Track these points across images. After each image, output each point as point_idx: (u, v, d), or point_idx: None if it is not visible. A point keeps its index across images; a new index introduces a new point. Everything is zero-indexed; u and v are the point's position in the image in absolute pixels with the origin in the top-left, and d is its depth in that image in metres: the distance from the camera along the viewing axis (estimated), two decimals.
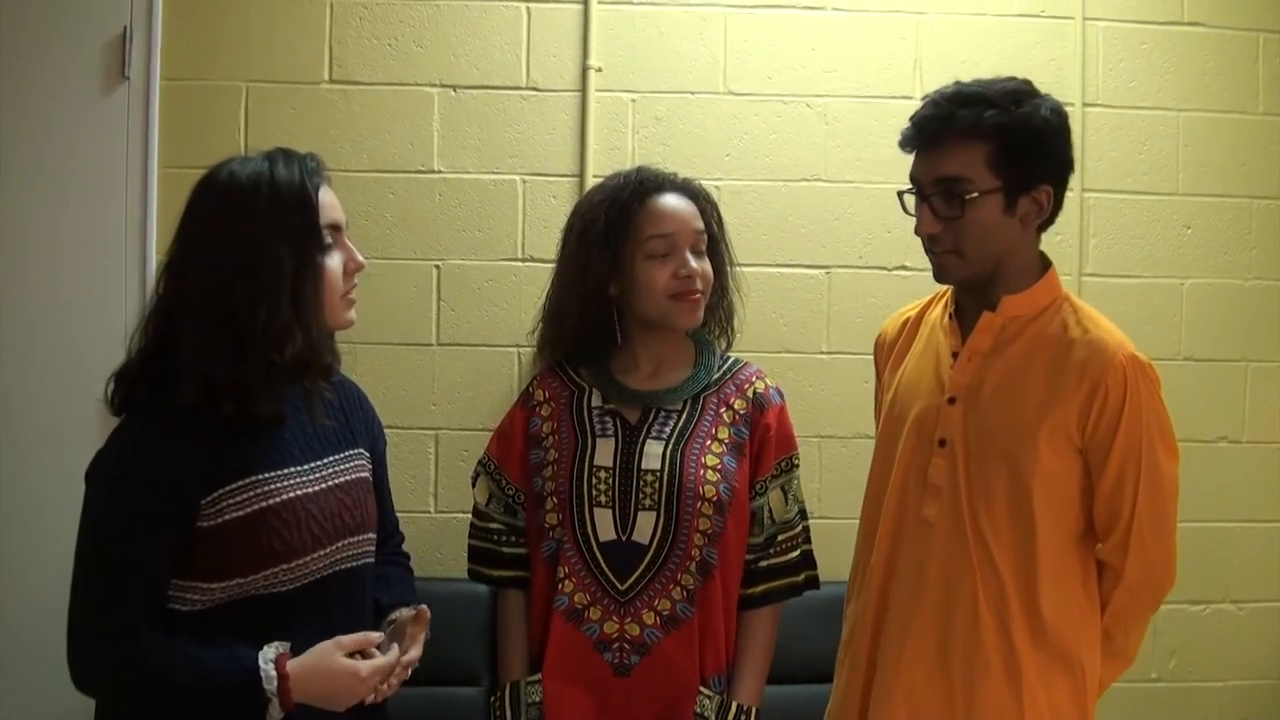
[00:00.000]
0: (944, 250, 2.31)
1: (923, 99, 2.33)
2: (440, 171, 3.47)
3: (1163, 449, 2.28)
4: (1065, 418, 2.24)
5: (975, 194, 2.23)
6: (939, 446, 2.34)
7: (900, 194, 2.38)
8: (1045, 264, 2.38)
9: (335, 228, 2.14)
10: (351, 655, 2.09)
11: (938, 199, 2.28)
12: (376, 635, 2.15)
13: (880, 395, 2.62)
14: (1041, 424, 2.25)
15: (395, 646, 2.19)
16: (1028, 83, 2.31)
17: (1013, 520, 2.27)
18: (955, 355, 2.37)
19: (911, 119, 2.33)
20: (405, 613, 2.26)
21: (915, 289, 3.49)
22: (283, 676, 1.99)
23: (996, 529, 2.27)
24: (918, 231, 2.34)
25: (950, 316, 2.43)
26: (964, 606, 2.29)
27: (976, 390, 2.32)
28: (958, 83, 2.30)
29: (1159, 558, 2.31)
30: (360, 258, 2.19)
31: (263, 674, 1.99)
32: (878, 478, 2.50)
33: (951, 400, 2.34)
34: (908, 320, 2.59)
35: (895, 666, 2.35)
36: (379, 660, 2.12)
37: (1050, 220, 2.34)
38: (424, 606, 2.25)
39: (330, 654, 2.06)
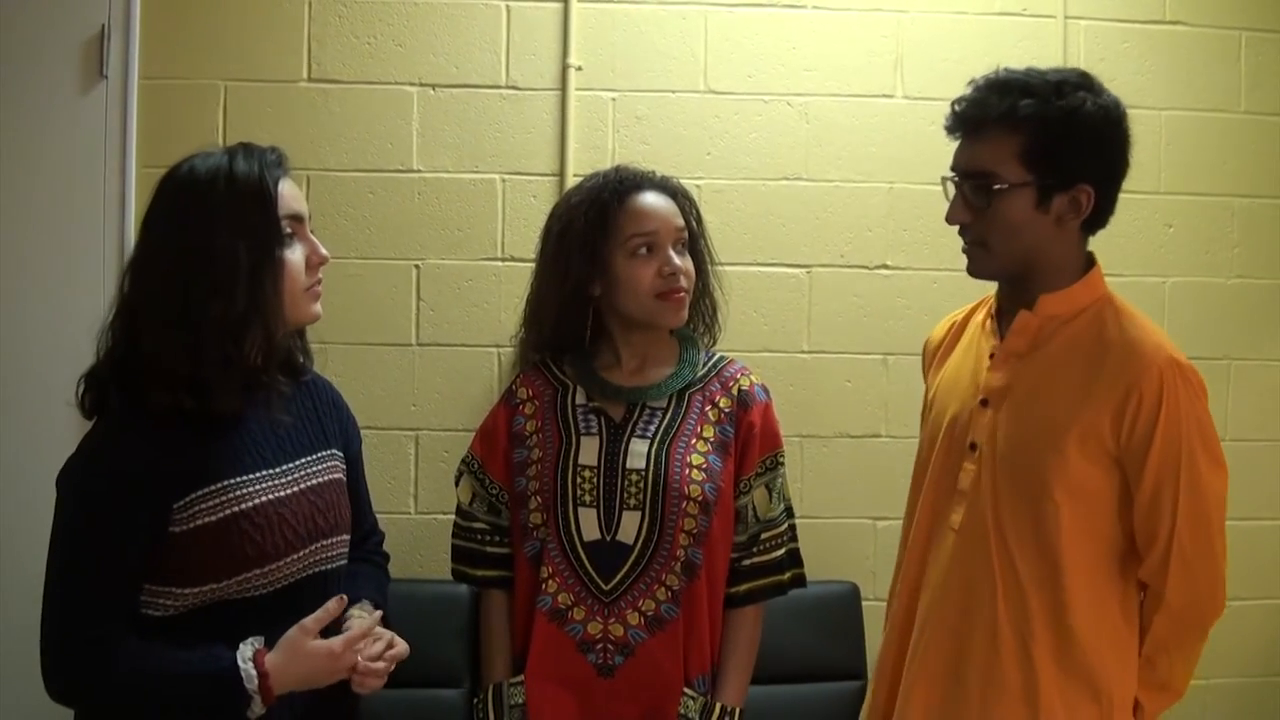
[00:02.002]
0: (971, 242, 2.25)
1: (968, 83, 2.25)
2: (419, 171, 3.45)
3: (1206, 460, 2.14)
4: (1098, 423, 2.13)
5: (1004, 186, 2.15)
6: (970, 451, 2.27)
7: (944, 179, 2.28)
8: (1089, 263, 2.28)
9: (296, 219, 2.11)
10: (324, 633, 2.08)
11: (969, 188, 2.20)
12: (335, 606, 2.09)
13: (925, 400, 2.56)
14: (1072, 428, 2.14)
15: (364, 615, 2.17)
16: (1083, 75, 2.21)
17: (1037, 530, 2.17)
18: (993, 356, 2.30)
19: (952, 104, 2.24)
20: (356, 619, 2.22)
21: (897, 288, 3.50)
22: (263, 674, 1.98)
23: (1021, 538, 2.18)
24: (948, 219, 2.27)
25: (991, 317, 2.36)
26: (984, 620, 2.21)
27: (1009, 392, 2.24)
28: (1005, 69, 2.21)
29: (1204, 579, 2.17)
30: (324, 251, 2.17)
31: (243, 673, 1.97)
32: (915, 484, 2.44)
33: (984, 403, 2.27)
34: (955, 323, 2.52)
35: (915, 680, 2.29)
36: (351, 632, 2.10)
37: (1098, 222, 2.24)
38: (378, 613, 2.22)
39: (300, 641, 2.04)
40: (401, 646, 2.19)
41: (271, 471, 2.11)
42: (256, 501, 2.06)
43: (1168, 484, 2.11)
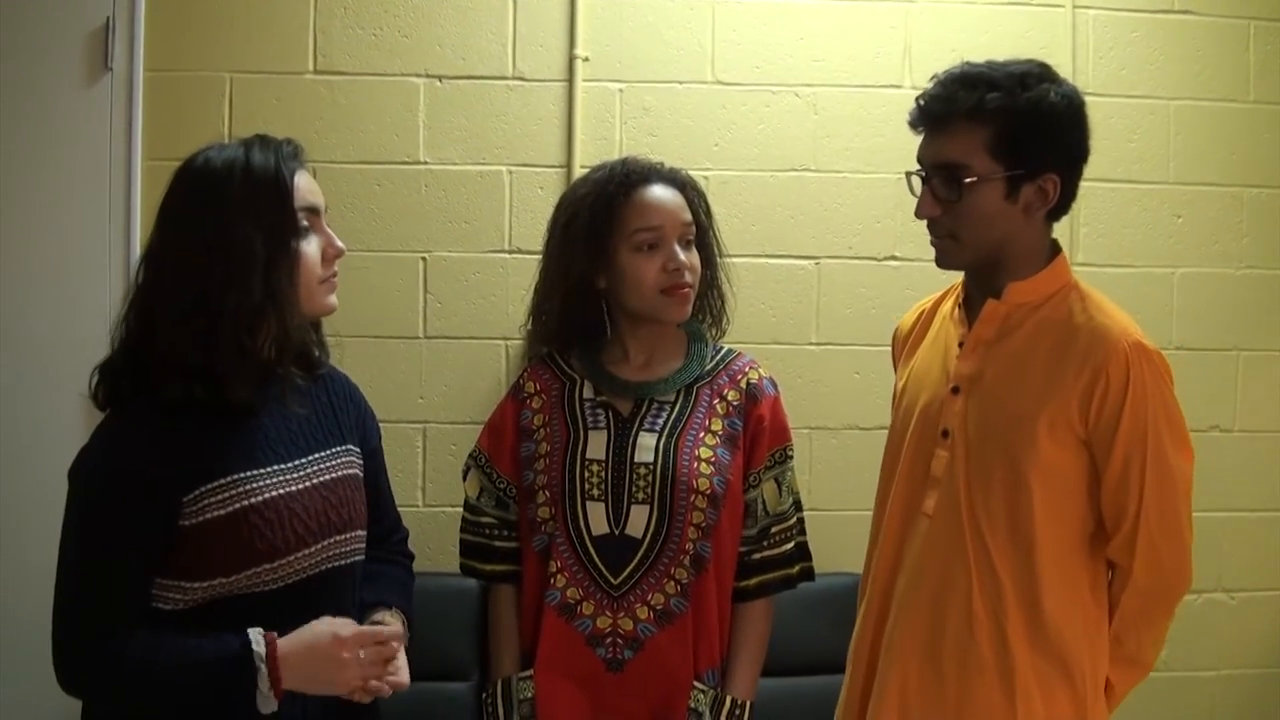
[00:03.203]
0: (941, 235, 2.27)
1: (931, 78, 2.26)
2: (426, 163, 3.44)
3: (1171, 442, 2.18)
4: (1066, 407, 2.17)
5: (974, 179, 2.17)
6: (942, 437, 2.29)
7: (909, 175, 2.30)
8: (1055, 251, 2.31)
9: (312, 211, 2.11)
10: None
11: (938, 182, 2.23)
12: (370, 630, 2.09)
13: (896, 389, 2.57)
14: (1041, 413, 2.17)
15: (391, 620, 2.19)
16: (1042, 66, 2.23)
17: (1010, 514, 2.20)
18: (962, 345, 2.32)
19: (917, 99, 2.26)
20: (387, 621, 2.22)
21: (905, 279, 3.49)
22: (270, 643, 1.98)
23: (994, 523, 2.21)
24: (917, 214, 2.29)
25: (959, 306, 2.38)
26: (958, 603, 2.23)
27: (979, 379, 2.27)
28: (966, 62, 2.24)
29: (1170, 558, 2.20)
30: (339, 243, 2.16)
31: (252, 639, 1.97)
32: (887, 471, 2.46)
33: (955, 390, 2.29)
34: (923, 312, 2.55)
35: (891, 664, 2.31)
36: (363, 629, 2.09)
37: (1062, 209, 2.26)
38: (398, 628, 2.20)
39: (314, 625, 2.04)
40: (404, 677, 2.14)
41: (283, 466, 2.10)
42: (266, 496, 2.05)
43: (1135, 465, 2.15)
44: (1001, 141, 2.16)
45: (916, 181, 2.29)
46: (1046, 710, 2.20)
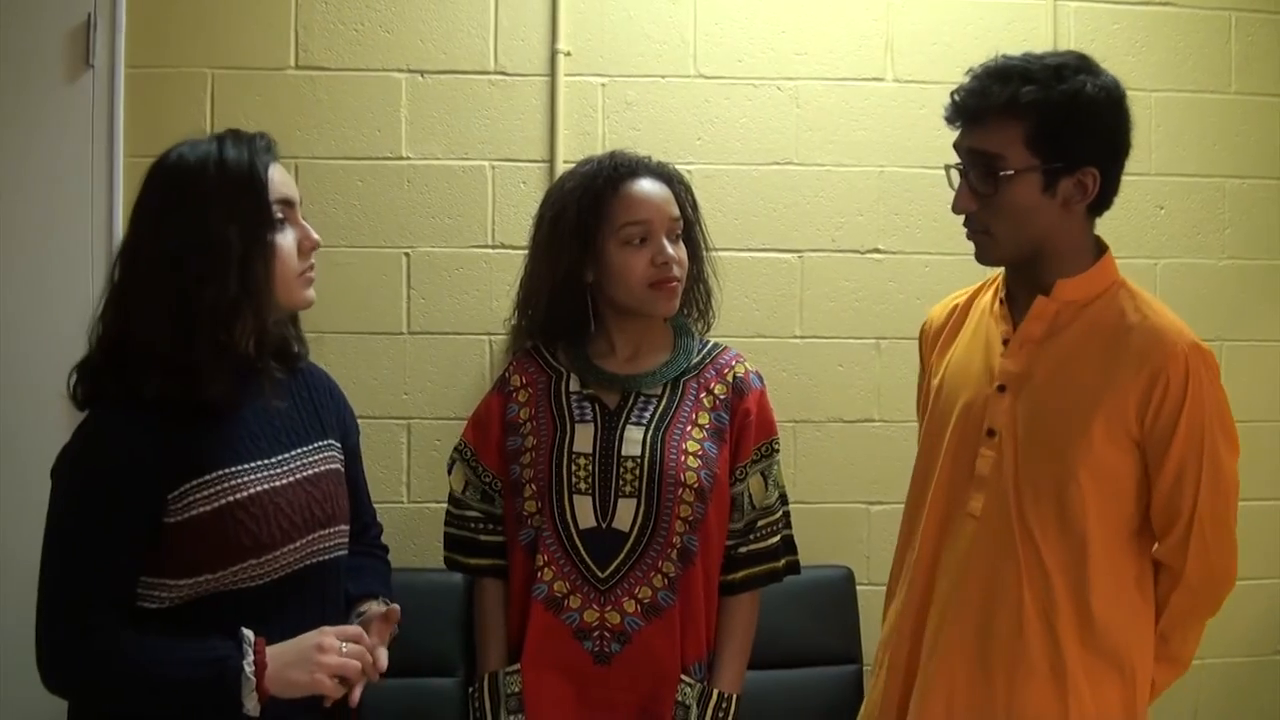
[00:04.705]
0: (977, 230, 2.25)
1: (966, 72, 2.24)
2: (409, 158, 3.44)
3: (1224, 442, 2.18)
4: (1123, 407, 2.14)
5: (1010, 172, 2.15)
6: (987, 436, 2.27)
7: (947, 168, 2.27)
8: (1101, 247, 2.28)
9: (287, 204, 2.10)
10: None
11: (974, 175, 2.20)
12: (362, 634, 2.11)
13: (924, 385, 2.55)
14: (1096, 413, 2.15)
15: (380, 606, 2.21)
16: (1081, 57, 2.20)
17: (1061, 513, 2.18)
18: (1006, 342, 2.29)
19: (952, 93, 2.23)
20: (375, 608, 2.24)
21: (888, 272, 3.50)
22: (258, 644, 1.98)
23: (1044, 523, 2.19)
24: (954, 208, 2.26)
25: (1001, 302, 2.35)
26: (1008, 604, 2.21)
27: (1028, 378, 2.24)
28: (1003, 55, 2.21)
29: (1220, 557, 2.20)
30: (315, 235, 2.15)
31: (243, 636, 1.97)
32: (922, 470, 2.43)
33: (1001, 388, 2.27)
34: (956, 306, 2.51)
35: (935, 666, 2.29)
36: (348, 628, 2.11)
37: (1103, 203, 2.24)
38: (395, 606, 2.22)
39: (304, 635, 2.04)
40: (382, 665, 2.14)
41: (267, 461, 2.09)
42: (252, 491, 2.04)
43: (1190, 468, 2.14)
44: (1038, 135, 2.14)
45: (954, 175, 2.26)
46: (1097, 707, 2.19)
